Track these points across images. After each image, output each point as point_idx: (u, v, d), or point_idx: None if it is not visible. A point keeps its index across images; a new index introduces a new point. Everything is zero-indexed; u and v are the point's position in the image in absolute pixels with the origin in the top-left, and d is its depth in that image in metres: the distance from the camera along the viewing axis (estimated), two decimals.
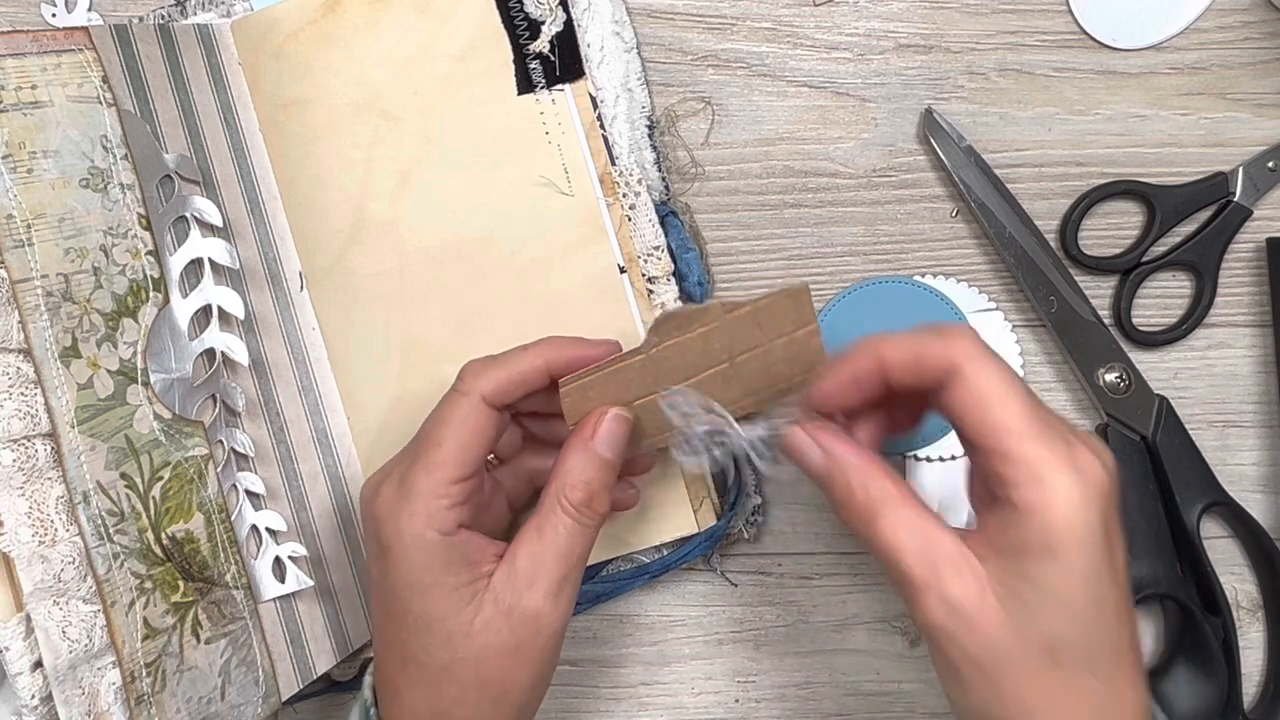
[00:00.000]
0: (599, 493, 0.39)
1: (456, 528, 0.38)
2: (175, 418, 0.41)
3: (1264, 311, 0.49)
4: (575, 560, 0.38)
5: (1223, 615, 0.48)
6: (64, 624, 0.36)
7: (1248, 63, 0.49)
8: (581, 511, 0.38)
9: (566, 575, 0.38)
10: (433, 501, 0.37)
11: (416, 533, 0.37)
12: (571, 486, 0.39)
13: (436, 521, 0.37)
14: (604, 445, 0.39)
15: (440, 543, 0.37)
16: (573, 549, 0.38)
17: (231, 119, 0.47)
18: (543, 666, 0.39)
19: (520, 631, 0.38)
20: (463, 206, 0.47)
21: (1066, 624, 0.33)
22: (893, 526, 0.34)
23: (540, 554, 0.38)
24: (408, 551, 0.38)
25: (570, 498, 0.38)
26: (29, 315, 0.37)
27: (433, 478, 0.38)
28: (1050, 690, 0.33)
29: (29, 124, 0.38)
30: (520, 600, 0.38)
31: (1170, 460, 0.48)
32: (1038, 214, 0.49)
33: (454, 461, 0.38)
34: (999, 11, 0.49)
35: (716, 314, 0.40)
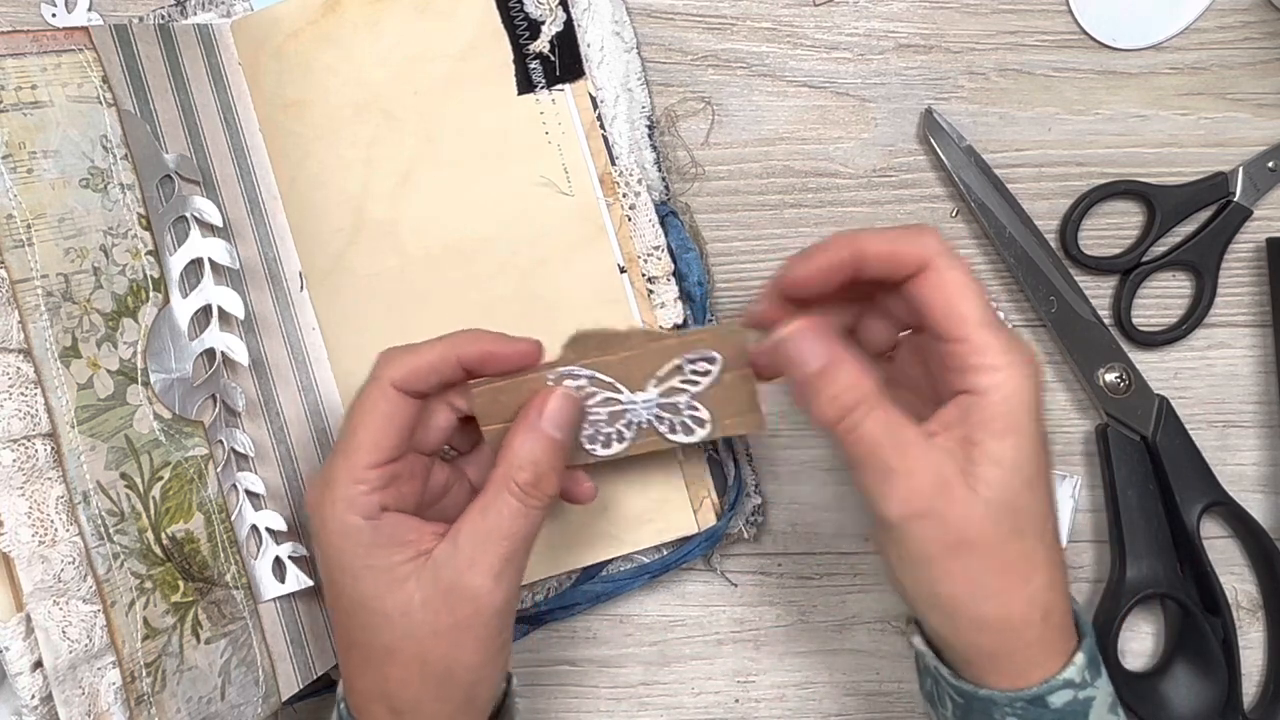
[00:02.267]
0: (546, 474, 0.38)
1: (379, 511, 0.38)
2: (175, 418, 0.41)
3: (1264, 311, 0.49)
4: (519, 541, 0.38)
5: (1223, 615, 0.48)
6: (64, 624, 0.36)
7: (1248, 63, 0.49)
8: (528, 492, 0.38)
9: (509, 556, 0.38)
10: (351, 487, 0.38)
11: (338, 518, 0.38)
12: (519, 467, 0.38)
13: (356, 507, 0.38)
14: (551, 424, 0.39)
15: (363, 527, 0.38)
16: (516, 530, 0.38)
17: (231, 119, 0.47)
18: (487, 647, 0.39)
19: (459, 611, 0.38)
20: (463, 206, 0.47)
21: (1025, 494, 0.35)
22: (878, 422, 0.36)
23: (483, 533, 0.38)
24: (332, 538, 0.38)
25: (518, 478, 0.38)
26: (29, 315, 0.37)
27: (348, 463, 0.38)
28: (1011, 560, 0.36)
29: (29, 124, 0.38)
30: (460, 579, 0.37)
31: (1170, 460, 0.48)
32: (1038, 214, 0.49)
33: (367, 447, 0.38)
34: (999, 11, 0.49)
35: (639, 341, 0.40)
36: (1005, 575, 0.36)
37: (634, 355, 0.40)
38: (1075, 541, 0.50)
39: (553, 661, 0.51)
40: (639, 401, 0.40)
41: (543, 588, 0.50)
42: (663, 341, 0.39)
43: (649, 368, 0.40)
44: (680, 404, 0.40)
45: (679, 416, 0.41)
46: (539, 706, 0.51)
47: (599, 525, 0.48)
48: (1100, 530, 0.50)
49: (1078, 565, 0.50)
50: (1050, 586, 0.36)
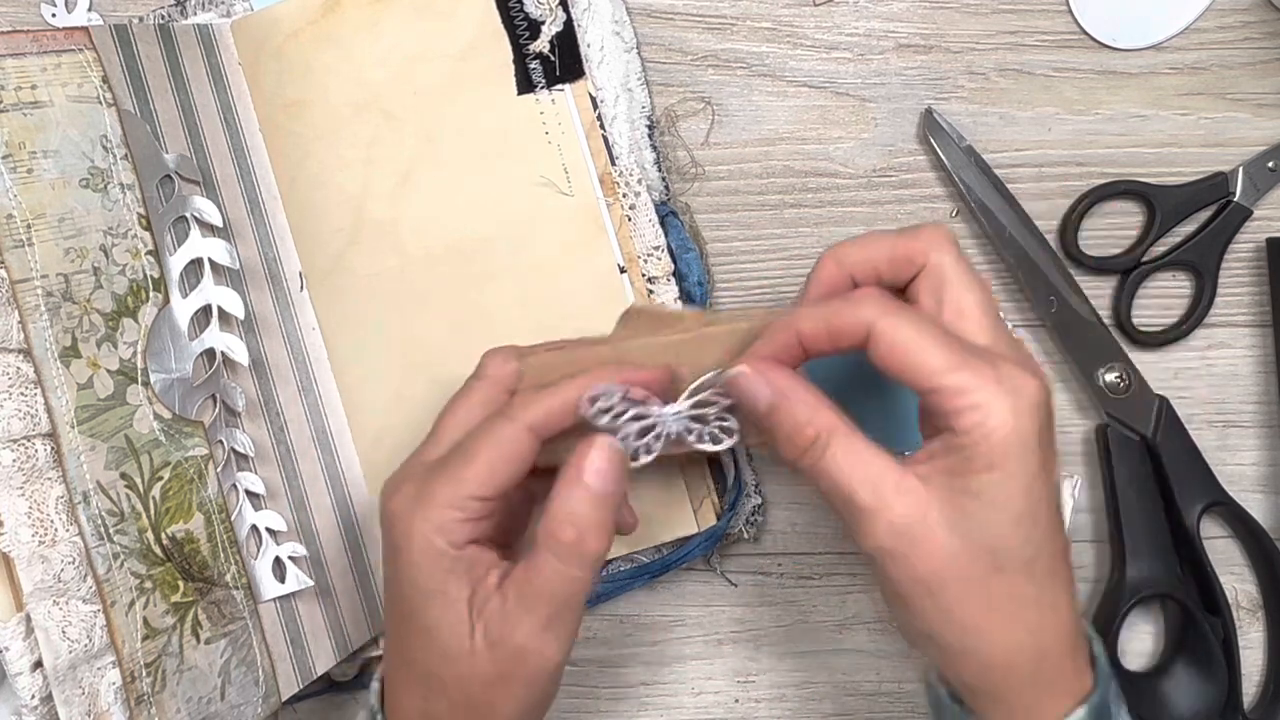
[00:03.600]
0: (589, 530, 0.36)
1: (466, 543, 0.37)
2: (175, 418, 0.41)
3: (1264, 311, 0.49)
4: (563, 601, 0.37)
5: (1223, 615, 0.48)
6: (64, 624, 0.36)
7: (1248, 63, 0.49)
8: (570, 551, 0.36)
9: (555, 614, 0.37)
10: (448, 511, 0.37)
11: (426, 537, 0.37)
12: (559, 523, 0.36)
13: (447, 531, 0.37)
14: (594, 476, 0.37)
15: (446, 553, 0.37)
16: (559, 592, 0.36)
17: (231, 119, 0.47)
18: (530, 700, 0.38)
19: (504, 664, 0.37)
20: (463, 206, 0.47)
21: (1008, 531, 0.34)
22: (842, 456, 0.35)
23: (528, 592, 0.37)
24: (414, 555, 0.37)
25: (560, 537, 0.36)
26: (29, 315, 0.37)
27: (455, 489, 0.37)
28: (994, 598, 0.35)
29: (29, 124, 0.38)
30: (506, 636, 0.37)
31: (1170, 460, 0.48)
32: (1038, 214, 0.49)
33: (480, 480, 0.37)
34: (999, 11, 0.49)
35: (692, 324, 0.39)
36: (986, 614, 0.35)
37: (684, 339, 0.38)
38: (1075, 542, 0.50)
39: None
40: (669, 415, 0.39)
41: None
42: (715, 327, 0.38)
43: (696, 353, 0.39)
44: (710, 414, 0.39)
45: (707, 427, 0.39)
46: None
47: None
48: (1100, 530, 0.50)
49: (1078, 565, 0.50)
50: (1042, 628, 0.35)
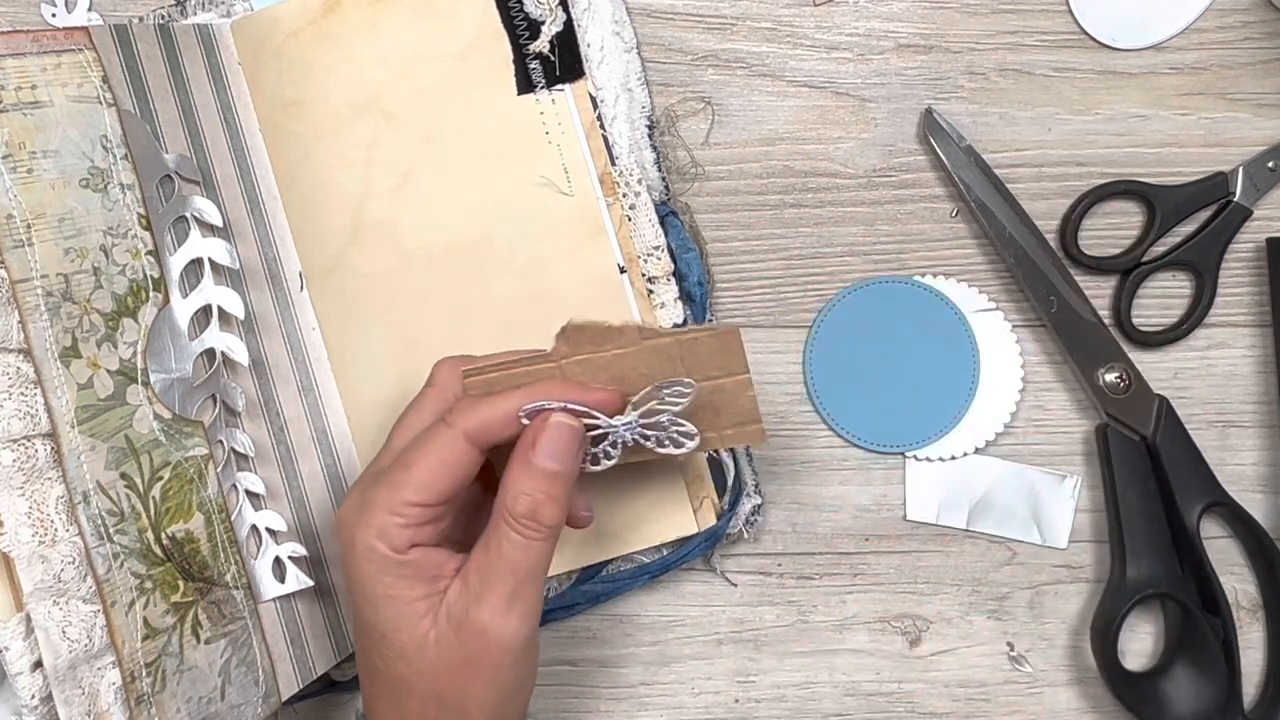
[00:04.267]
0: (544, 504, 0.38)
1: (409, 547, 0.38)
2: (175, 418, 0.41)
3: (1264, 311, 0.49)
4: (524, 574, 0.37)
5: (1223, 615, 0.48)
6: (64, 624, 0.36)
7: (1248, 63, 0.49)
8: (525, 524, 0.37)
9: (516, 590, 0.37)
10: (387, 516, 0.37)
11: (368, 544, 0.37)
12: (513, 498, 0.37)
13: (388, 537, 0.37)
14: (545, 456, 0.38)
15: (389, 558, 0.37)
16: (519, 563, 0.37)
17: (231, 119, 0.47)
18: (502, 682, 0.38)
19: (470, 646, 0.37)
20: (463, 206, 0.47)
21: None
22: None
23: (487, 568, 0.37)
24: (359, 561, 0.38)
25: (514, 511, 0.37)
26: (29, 315, 0.37)
27: (393, 495, 0.37)
28: None
29: (29, 124, 0.38)
30: (468, 616, 0.37)
31: (1170, 460, 0.48)
32: (1038, 214, 0.49)
33: (418, 486, 0.37)
34: (999, 11, 0.49)
35: (632, 338, 0.39)
36: None
37: (627, 353, 0.39)
38: (1075, 542, 0.50)
39: (553, 661, 0.51)
40: (619, 425, 0.39)
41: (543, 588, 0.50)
42: (658, 339, 0.39)
43: (641, 366, 0.39)
44: (664, 421, 0.39)
45: (665, 433, 0.40)
46: (539, 706, 0.51)
47: (599, 525, 0.48)
48: (1100, 530, 0.50)
49: (1078, 565, 0.50)
50: None
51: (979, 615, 0.51)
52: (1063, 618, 0.50)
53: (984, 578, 0.50)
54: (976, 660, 0.51)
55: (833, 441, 0.50)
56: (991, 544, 0.50)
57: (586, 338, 0.39)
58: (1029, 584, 0.50)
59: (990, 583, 0.50)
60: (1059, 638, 0.50)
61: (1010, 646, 0.51)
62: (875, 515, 0.50)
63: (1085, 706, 0.51)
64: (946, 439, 0.49)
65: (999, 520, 0.50)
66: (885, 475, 0.50)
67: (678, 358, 0.39)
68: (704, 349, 0.39)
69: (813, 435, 0.50)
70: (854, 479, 0.50)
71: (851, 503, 0.50)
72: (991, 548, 0.50)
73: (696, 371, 0.39)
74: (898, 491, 0.50)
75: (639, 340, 0.39)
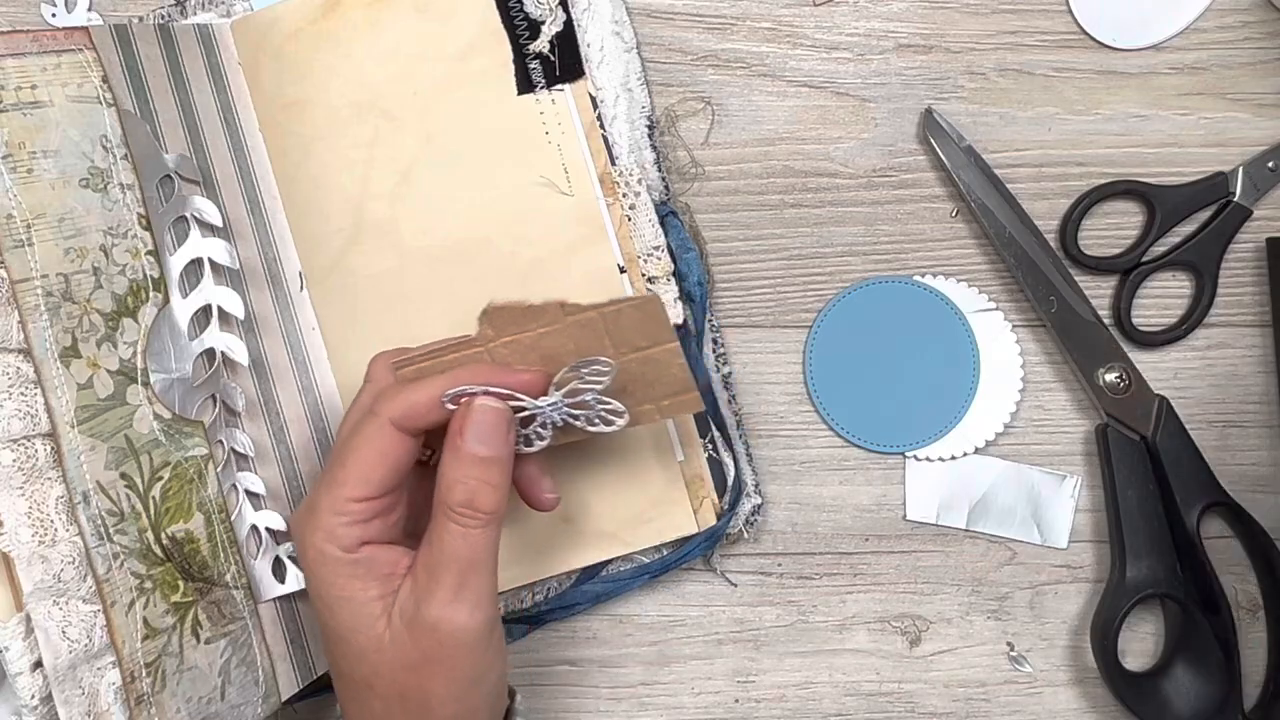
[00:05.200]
0: (479, 490, 0.37)
1: (359, 545, 0.37)
2: (175, 418, 0.41)
3: (1264, 311, 0.49)
4: (468, 564, 0.37)
5: (1223, 615, 0.47)
6: (64, 624, 0.36)
7: (1248, 63, 0.49)
8: (463, 513, 0.37)
9: (463, 581, 0.37)
10: (331, 518, 0.37)
11: (318, 547, 0.37)
12: (448, 487, 0.37)
13: (336, 538, 0.37)
14: (473, 441, 0.37)
15: (341, 559, 0.37)
16: (462, 554, 0.37)
17: (231, 119, 0.47)
18: (460, 675, 0.38)
19: (424, 643, 0.37)
20: (463, 206, 0.47)
21: None
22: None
23: (432, 562, 0.37)
24: (312, 565, 0.38)
25: (449, 500, 0.37)
26: (29, 315, 0.37)
27: (332, 495, 0.37)
28: None
29: (29, 124, 0.38)
30: (419, 612, 0.37)
31: (1170, 460, 0.48)
32: (1038, 214, 0.49)
33: (354, 482, 0.37)
34: (999, 11, 0.49)
35: (555, 314, 0.38)
36: None
37: (552, 330, 0.38)
38: (1075, 541, 0.50)
39: (553, 661, 0.51)
40: (545, 405, 0.39)
41: (543, 588, 0.50)
42: (582, 314, 0.38)
43: (568, 343, 0.38)
44: (590, 400, 0.39)
45: (593, 411, 0.39)
46: (539, 706, 0.51)
47: (599, 525, 0.48)
48: (1100, 530, 0.50)
49: (1078, 565, 0.50)
50: None
51: (979, 615, 0.51)
52: (1063, 618, 0.50)
53: (984, 578, 0.50)
54: (976, 660, 0.51)
55: (833, 441, 0.50)
56: (991, 544, 0.50)
57: (510, 319, 0.38)
58: (1029, 584, 0.50)
59: (990, 583, 0.51)
60: (1059, 638, 0.50)
61: (1010, 646, 0.51)
62: (875, 515, 0.50)
63: (1085, 706, 0.51)
64: (946, 439, 0.49)
65: (999, 520, 0.50)
66: (885, 475, 0.50)
67: (603, 331, 0.38)
68: (627, 320, 0.38)
69: (813, 435, 0.50)
70: (854, 479, 0.50)
71: (851, 503, 0.50)
72: (991, 548, 0.50)
73: (623, 344, 0.38)
74: (898, 491, 0.50)
75: (562, 317, 0.38)
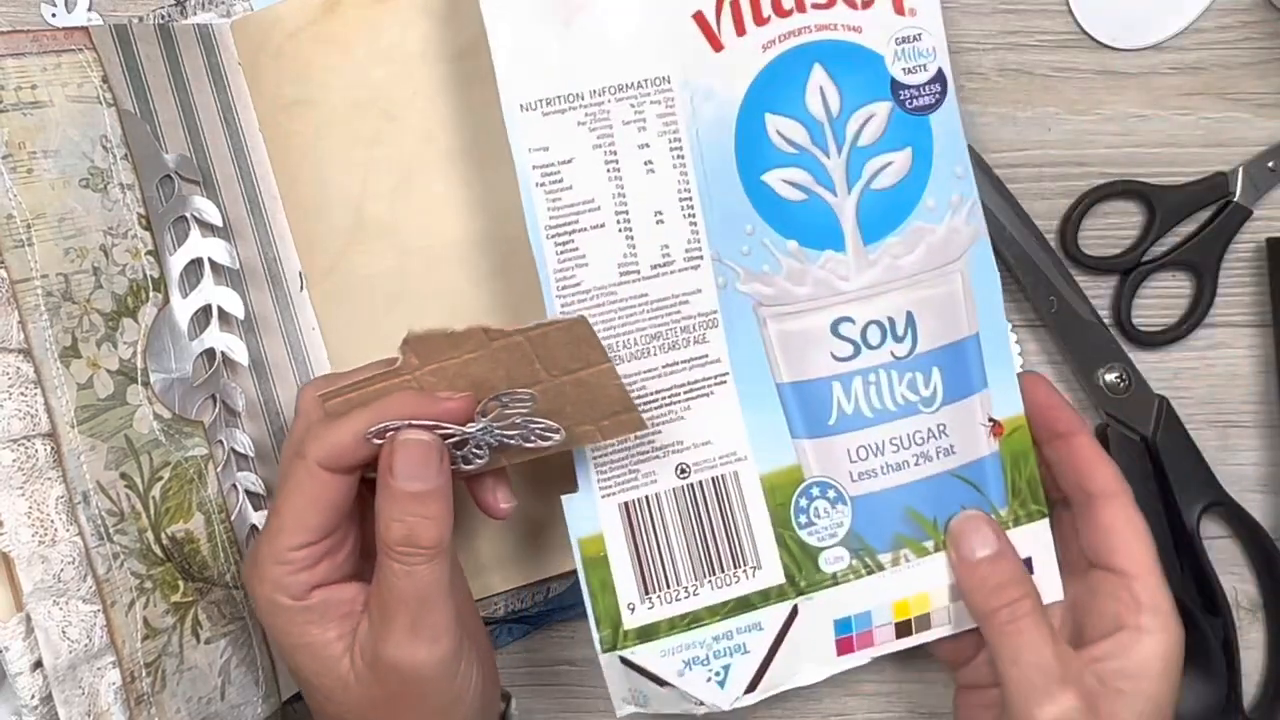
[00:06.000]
0: (417, 525, 0.35)
1: (308, 591, 0.36)
2: (175, 418, 0.41)
3: (1264, 311, 0.49)
4: (417, 602, 0.35)
5: (1223, 615, 0.48)
6: (64, 624, 0.36)
7: (1248, 63, 0.49)
8: (401, 551, 0.35)
9: (416, 619, 0.35)
10: (274, 568, 0.36)
11: (268, 598, 0.37)
12: (385, 526, 0.36)
13: (282, 588, 0.36)
14: (404, 478, 0.36)
15: (293, 607, 0.36)
16: (409, 591, 0.35)
17: (231, 119, 0.47)
18: (429, 707, 0.37)
19: (388, 683, 0.36)
20: (463, 206, 0.47)
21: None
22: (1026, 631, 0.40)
23: (381, 603, 0.36)
24: (265, 616, 0.37)
25: (387, 539, 0.36)
26: (29, 315, 0.37)
27: (272, 545, 0.36)
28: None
29: (29, 124, 0.38)
30: (379, 654, 0.36)
31: (1170, 460, 0.48)
32: (1038, 214, 0.49)
33: (291, 530, 0.36)
34: (999, 11, 0.49)
35: (479, 340, 0.37)
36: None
37: (479, 356, 0.37)
38: None
39: (553, 661, 0.51)
40: (474, 431, 0.38)
41: (542, 588, 0.50)
42: (507, 339, 0.37)
43: (498, 368, 0.37)
44: (518, 421, 0.38)
45: (526, 430, 0.38)
46: (539, 706, 0.51)
47: None
48: None
49: None
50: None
51: None
52: None
53: None
54: None
55: None
56: None
57: (433, 347, 0.37)
58: None
59: None
60: None
61: None
62: None
63: None
64: None
65: None
66: None
67: (531, 355, 0.37)
68: (555, 342, 0.37)
69: None
70: None
71: None
72: None
73: (554, 366, 0.37)
74: None
75: (487, 343, 0.37)
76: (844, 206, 0.43)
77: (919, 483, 0.43)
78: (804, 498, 0.42)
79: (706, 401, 0.42)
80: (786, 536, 0.42)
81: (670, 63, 0.41)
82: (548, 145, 0.41)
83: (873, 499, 0.43)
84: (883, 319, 0.43)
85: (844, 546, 0.43)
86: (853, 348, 0.43)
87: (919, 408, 0.43)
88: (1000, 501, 0.43)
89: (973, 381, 0.43)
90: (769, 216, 0.42)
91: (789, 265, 0.42)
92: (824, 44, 0.42)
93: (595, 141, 0.41)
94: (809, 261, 0.42)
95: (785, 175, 0.42)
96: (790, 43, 0.42)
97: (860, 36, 0.42)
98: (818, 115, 0.42)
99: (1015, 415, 0.43)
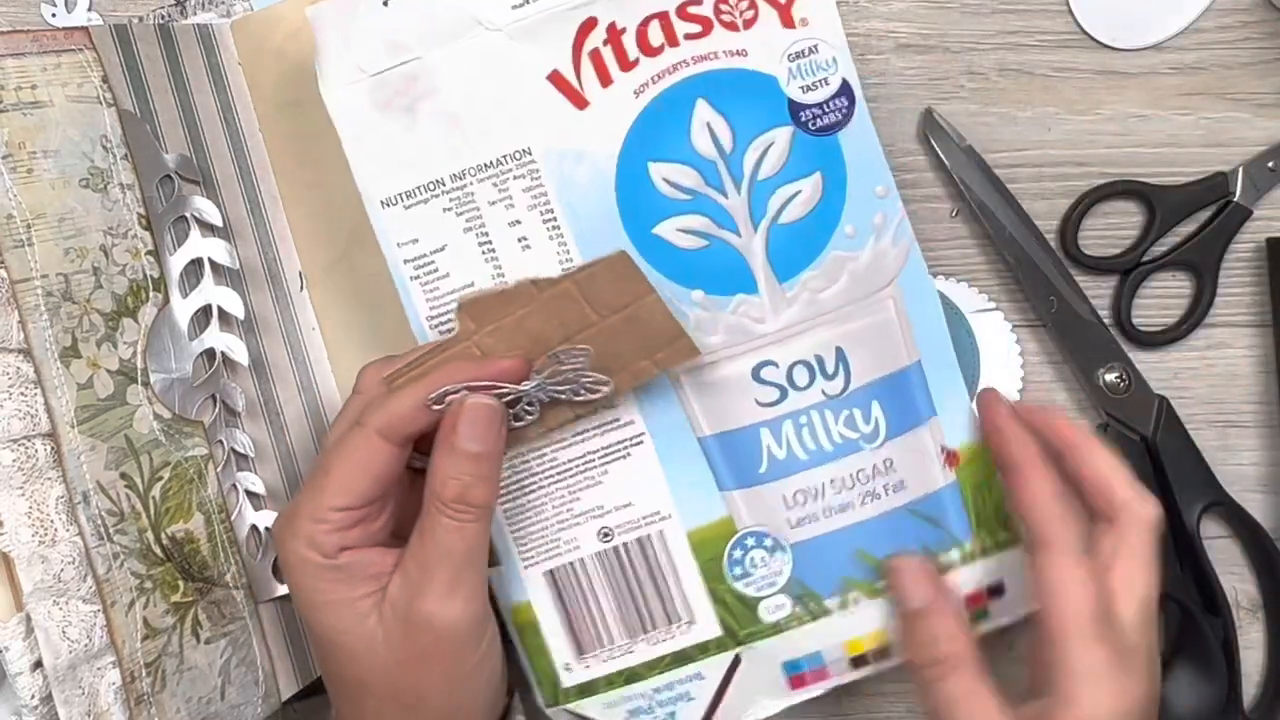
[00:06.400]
0: (472, 485, 0.37)
1: (338, 551, 0.37)
2: (175, 418, 0.42)
3: (1264, 311, 0.49)
4: (462, 558, 0.37)
5: (1223, 615, 0.48)
6: (64, 624, 0.37)
7: (1248, 63, 0.49)
8: (455, 508, 0.37)
9: (457, 575, 0.37)
10: (311, 525, 0.37)
11: (298, 553, 0.37)
12: (441, 483, 0.37)
13: (316, 544, 0.37)
14: (467, 439, 0.37)
15: (322, 564, 0.37)
16: (455, 547, 0.37)
17: (231, 119, 0.47)
18: (453, 673, 0.38)
19: (418, 639, 0.37)
20: None
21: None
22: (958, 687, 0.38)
23: (424, 557, 0.37)
24: (293, 571, 0.38)
25: (443, 496, 0.37)
26: (29, 315, 0.37)
27: (314, 502, 0.37)
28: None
29: (29, 124, 0.38)
30: (412, 607, 0.37)
31: (1170, 460, 0.48)
32: (1038, 214, 0.49)
33: (336, 491, 0.37)
34: (999, 11, 0.49)
35: (529, 293, 0.38)
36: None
37: (531, 310, 0.38)
38: None
39: None
40: (529, 389, 0.39)
41: None
42: (555, 287, 0.38)
43: (551, 319, 0.38)
44: (570, 375, 0.39)
45: (577, 384, 0.39)
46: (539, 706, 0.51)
47: None
48: None
49: None
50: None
51: None
52: None
53: None
54: None
55: None
56: None
57: (487, 308, 0.38)
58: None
59: None
60: None
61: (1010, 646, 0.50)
62: None
63: None
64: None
65: None
66: None
67: (580, 299, 0.38)
68: (601, 281, 0.37)
69: None
70: None
71: None
72: None
73: (603, 306, 0.38)
74: None
75: (536, 295, 0.38)
76: (751, 246, 0.40)
77: (868, 522, 0.42)
78: (738, 549, 0.42)
79: (624, 464, 0.42)
80: (720, 590, 0.42)
81: (530, 132, 0.40)
82: (417, 237, 0.41)
83: (815, 544, 0.42)
84: (809, 358, 0.41)
85: (785, 594, 0.42)
86: (778, 392, 0.41)
87: (860, 445, 0.41)
88: (963, 534, 0.42)
89: (919, 411, 0.42)
90: (667, 270, 0.41)
91: (696, 316, 0.41)
92: (705, 76, 0.40)
93: (465, 225, 0.40)
94: (718, 309, 0.41)
95: (679, 224, 0.40)
96: (665, 82, 0.40)
97: (746, 60, 0.40)
98: (708, 154, 0.40)
99: (972, 442, 0.42)
